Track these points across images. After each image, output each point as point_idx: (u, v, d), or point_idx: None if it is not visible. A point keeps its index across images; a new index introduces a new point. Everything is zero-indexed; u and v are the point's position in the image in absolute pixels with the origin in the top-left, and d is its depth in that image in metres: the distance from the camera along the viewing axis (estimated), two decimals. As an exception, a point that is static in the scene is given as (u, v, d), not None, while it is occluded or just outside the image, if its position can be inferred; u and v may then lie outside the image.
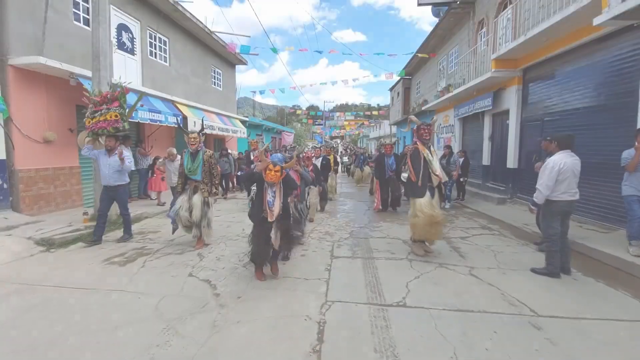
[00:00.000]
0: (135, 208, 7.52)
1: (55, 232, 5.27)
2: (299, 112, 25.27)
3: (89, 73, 6.48)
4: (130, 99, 5.81)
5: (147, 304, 3.10)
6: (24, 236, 4.96)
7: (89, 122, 5.02)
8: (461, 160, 8.67)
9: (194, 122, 10.32)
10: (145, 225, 6.39)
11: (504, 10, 9.29)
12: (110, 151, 4.98)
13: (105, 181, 4.99)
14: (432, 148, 4.47)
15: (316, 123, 34.46)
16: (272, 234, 3.57)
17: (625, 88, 5.47)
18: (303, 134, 34.60)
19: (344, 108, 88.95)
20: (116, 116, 5.04)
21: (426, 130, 4.45)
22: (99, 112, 5.00)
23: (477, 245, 5.16)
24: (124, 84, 5.46)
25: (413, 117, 4.76)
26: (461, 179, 8.76)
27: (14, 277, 3.75)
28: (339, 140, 64.18)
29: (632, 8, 4.37)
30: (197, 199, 4.78)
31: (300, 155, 6.02)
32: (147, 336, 2.56)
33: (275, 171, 3.41)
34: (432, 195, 4.38)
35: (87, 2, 7.56)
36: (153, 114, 8.34)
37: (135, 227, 6.10)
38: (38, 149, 6.51)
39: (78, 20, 7.36)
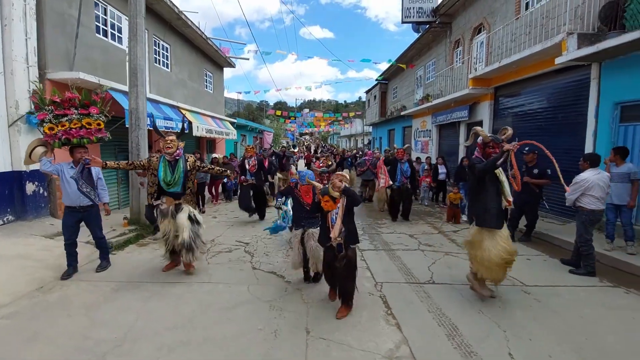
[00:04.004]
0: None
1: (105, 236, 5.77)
2: (278, 112, 25.84)
3: (110, 83, 6.91)
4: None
5: (240, 290, 3.93)
6: (82, 241, 5.44)
7: (51, 128, 3.96)
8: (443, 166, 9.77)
9: (197, 127, 10.80)
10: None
11: (478, 34, 10.77)
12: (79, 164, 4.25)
13: (75, 201, 4.20)
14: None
15: (289, 122, 35.48)
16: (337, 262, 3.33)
17: (576, 109, 7.01)
18: (280, 133, 35.13)
19: (311, 104, 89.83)
20: (98, 124, 4.23)
21: (495, 151, 3.56)
22: (67, 118, 4.02)
23: (468, 237, 6.43)
24: (105, 89, 4.79)
25: (479, 129, 3.76)
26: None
27: (106, 276, 4.36)
28: (308, 137, 65.07)
29: (585, 55, 5.81)
30: (182, 218, 4.22)
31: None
32: (262, 311, 3.42)
33: (325, 201, 3.26)
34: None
35: (106, 15, 7.89)
36: (167, 121, 8.80)
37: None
38: (67, 158, 6.83)
39: (98, 32, 7.66)
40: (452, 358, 2.70)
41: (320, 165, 4.23)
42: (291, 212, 4.61)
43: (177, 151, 4.22)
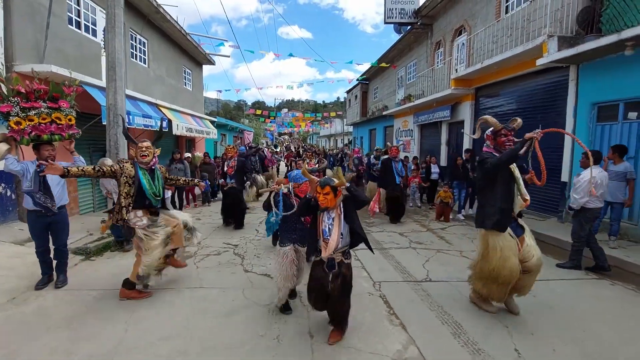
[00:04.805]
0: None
1: (81, 241, 5.40)
2: (258, 112, 25.49)
3: (84, 78, 6.50)
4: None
5: (235, 295, 3.75)
6: (56, 246, 5.05)
7: (18, 122, 3.55)
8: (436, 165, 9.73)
9: (177, 125, 10.39)
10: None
11: (459, 35, 11.02)
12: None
13: (42, 204, 3.75)
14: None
15: (269, 121, 35.19)
16: (330, 282, 2.76)
17: (555, 110, 7.29)
18: (259, 132, 34.68)
19: (290, 104, 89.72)
20: (69, 120, 3.91)
21: (509, 138, 3.24)
22: (36, 111, 3.64)
23: (456, 234, 6.54)
24: (77, 83, 4.28)
25: (488, 117, 3.39)
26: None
27: (86, 284, 4.05)
28: (287, 137, 64.79)
29: (565, 57, 6.03)
30: (177, 213, 4.17)
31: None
32: (261, 316, 3.28)
33: (324, 194, 2.66)
34: (517, 234, 3.22)
35: (79, 5, 7.41)
36: (146, 119, 8.39)
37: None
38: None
39: (71, 24, 7.18)
40: (461, 357, 2.68)
41: (309, 165, 3.90)
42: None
43: (154, 160, 3.74)
